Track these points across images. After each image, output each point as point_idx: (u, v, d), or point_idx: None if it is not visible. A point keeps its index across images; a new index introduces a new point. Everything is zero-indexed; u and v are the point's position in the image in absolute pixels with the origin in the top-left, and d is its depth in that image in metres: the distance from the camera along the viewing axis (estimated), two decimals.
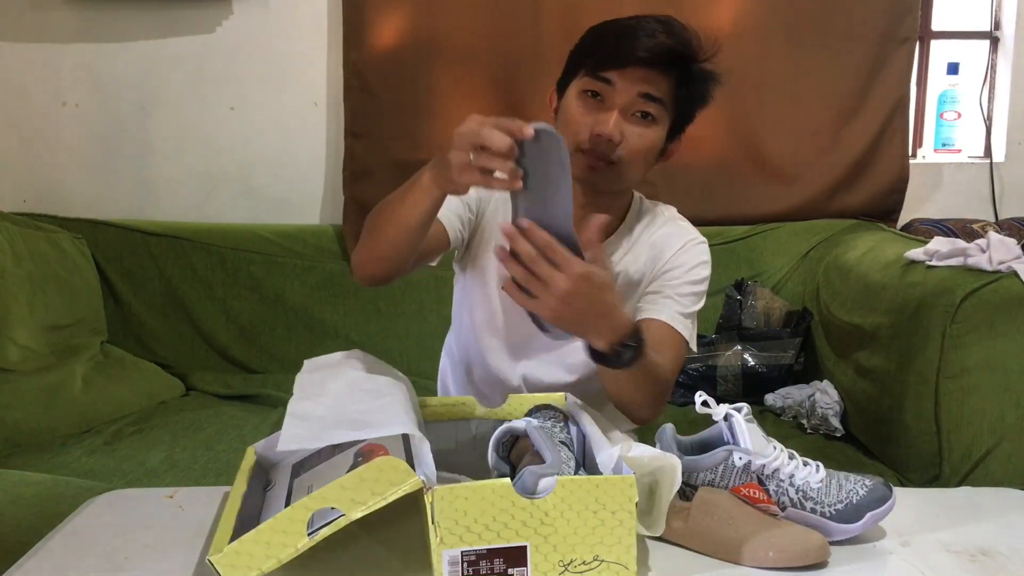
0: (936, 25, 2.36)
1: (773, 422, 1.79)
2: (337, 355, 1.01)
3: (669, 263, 1.20)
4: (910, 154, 2.28)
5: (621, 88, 1.09)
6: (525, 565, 0.76)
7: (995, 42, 2.34)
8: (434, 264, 1.20)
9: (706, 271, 1.22)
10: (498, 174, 0.85)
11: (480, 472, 0.99)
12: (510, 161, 0.83)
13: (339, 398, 0.88)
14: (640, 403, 1.10)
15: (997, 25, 2.33)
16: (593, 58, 1.11)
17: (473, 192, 1.18)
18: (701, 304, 1.21)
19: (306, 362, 0.99)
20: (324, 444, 0.78)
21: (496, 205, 1.24)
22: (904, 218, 2.26)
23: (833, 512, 0.87)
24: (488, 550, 0.75)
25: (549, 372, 1.25)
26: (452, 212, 1.17)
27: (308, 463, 0.93)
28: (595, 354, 0.97)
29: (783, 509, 0.88)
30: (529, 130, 0.82)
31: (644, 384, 1.05)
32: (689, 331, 1.18)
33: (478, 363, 1.29)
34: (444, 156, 0.88)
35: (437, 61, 2.16)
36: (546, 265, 0.86)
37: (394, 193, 1.02)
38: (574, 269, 0.86)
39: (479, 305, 1.27)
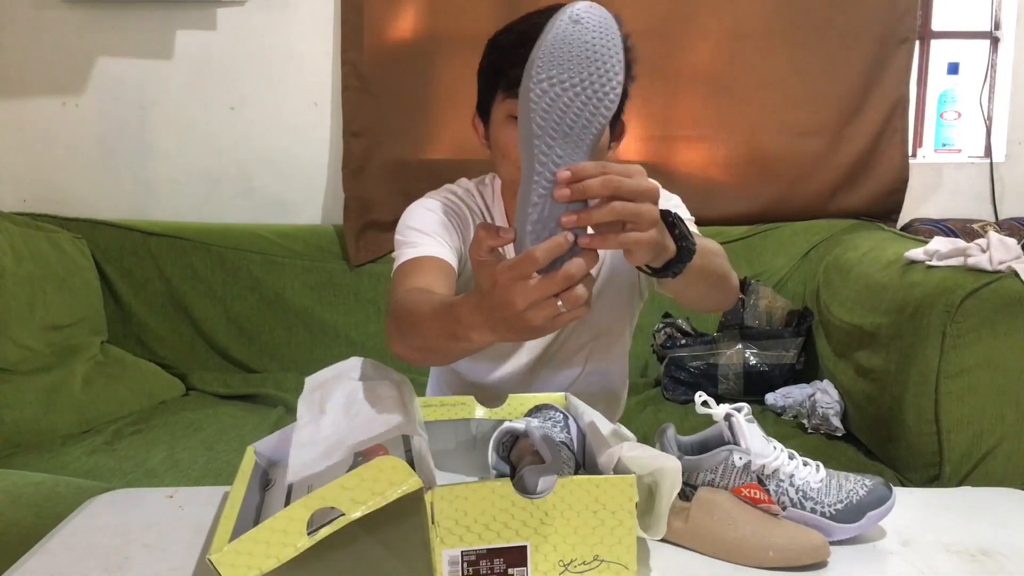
0: (936, 25, 2.36)
1: (774, 422, 1.79)
2: (333, 368, 1.01)
3: None
4: (910, 154, 2.28)
5: None
6: (525, 565, 0.76)
7: (995, 42, 2.34)
8: None
9: (676, 199, 1.18)
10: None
11: (480, 472, 0.99)
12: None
13: (338, 415, 0.88)
14: (716, 287, 0.98)
15: (997, 25, 2.33)
16: (506, 77, 1.05)
17: (454, 238, 1.14)
18: (694, 227, 1.10)
19: (307, 380, 0.99)
20: (330, 463, 0.78)
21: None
22: (904, 218, 2.26)
23: (833, 512, 0.87)
24: (488, 550, 0.75)
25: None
26: (454, 251, 1.13)
27: None
28: (661, 268, 0.83)
29: (783, 509, 0.88)
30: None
31: (712, 266, 0.93)
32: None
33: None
34: (504, 312, 0.67)
35: (436, 60, 2.16)
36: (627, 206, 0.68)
37: (431, 317, 0.86)
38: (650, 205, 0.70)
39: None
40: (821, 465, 0.91)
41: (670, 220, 0.80)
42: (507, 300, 0.65)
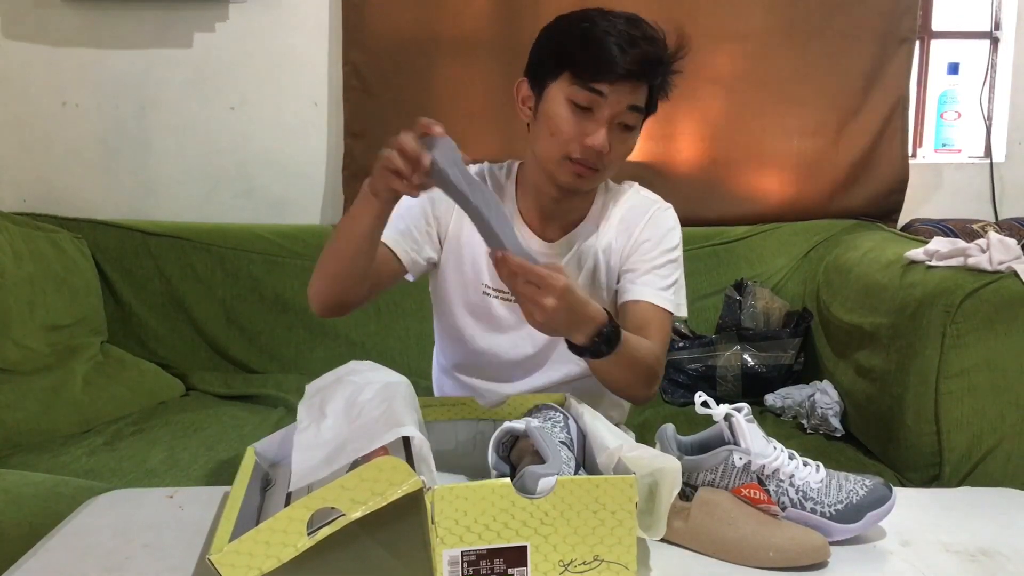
0: (936, 25, 2.36)
1: (773, 422, 1.79)
2: (333, 373, 1.02)
3: (640, 236, 1.23)
4: (910, 154, 2.28)
5: (613, 101, 1.11)
6: (525, 565, 0.76)
7: (995, 42, 2.34)
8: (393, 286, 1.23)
9: (677, 236, 1.26)
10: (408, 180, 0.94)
11: (480, 472, 0.99)
12: (416, 171, 0.92)
13: (339, 419, 0.88)
14: (632, 384, 1.14)
15: (997, 25, 2.33)
16: (580, 67, 1.11)
17: (426, 210, 1.23)
18: (681, 270, 1.25)
19: (307, 387, 1.02)
20: (334, 469, 0.79)
21: (457, 226, 1.25)
22: (904, 218, 2.26)
23: (833, 512, 0.87)
24: (488, 550, 0.75)
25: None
26: (399, 235, 1.19)
27: None
28: (577, 349, 1.03)
29: (783, 509, 0.88)
30: (433, 129, 0.94)
31: (631, 366, 1.09)
32: (673, 302, 1.22)
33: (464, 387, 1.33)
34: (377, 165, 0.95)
35: (437, 61, 2.16)
36: (530, 287, 0.92)
37: (332, 236, 1.09)
38: (557, 284, 0.92)
39: (450, 335, 1.32)
40: (821, 465, 0.91)
41: (612, 328, 1.01)
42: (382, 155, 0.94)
